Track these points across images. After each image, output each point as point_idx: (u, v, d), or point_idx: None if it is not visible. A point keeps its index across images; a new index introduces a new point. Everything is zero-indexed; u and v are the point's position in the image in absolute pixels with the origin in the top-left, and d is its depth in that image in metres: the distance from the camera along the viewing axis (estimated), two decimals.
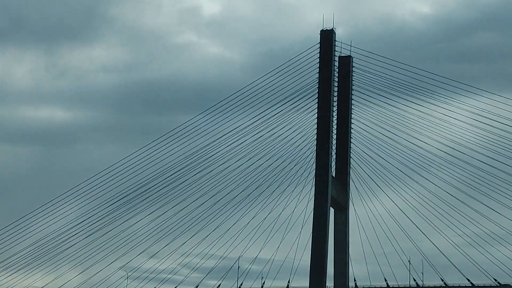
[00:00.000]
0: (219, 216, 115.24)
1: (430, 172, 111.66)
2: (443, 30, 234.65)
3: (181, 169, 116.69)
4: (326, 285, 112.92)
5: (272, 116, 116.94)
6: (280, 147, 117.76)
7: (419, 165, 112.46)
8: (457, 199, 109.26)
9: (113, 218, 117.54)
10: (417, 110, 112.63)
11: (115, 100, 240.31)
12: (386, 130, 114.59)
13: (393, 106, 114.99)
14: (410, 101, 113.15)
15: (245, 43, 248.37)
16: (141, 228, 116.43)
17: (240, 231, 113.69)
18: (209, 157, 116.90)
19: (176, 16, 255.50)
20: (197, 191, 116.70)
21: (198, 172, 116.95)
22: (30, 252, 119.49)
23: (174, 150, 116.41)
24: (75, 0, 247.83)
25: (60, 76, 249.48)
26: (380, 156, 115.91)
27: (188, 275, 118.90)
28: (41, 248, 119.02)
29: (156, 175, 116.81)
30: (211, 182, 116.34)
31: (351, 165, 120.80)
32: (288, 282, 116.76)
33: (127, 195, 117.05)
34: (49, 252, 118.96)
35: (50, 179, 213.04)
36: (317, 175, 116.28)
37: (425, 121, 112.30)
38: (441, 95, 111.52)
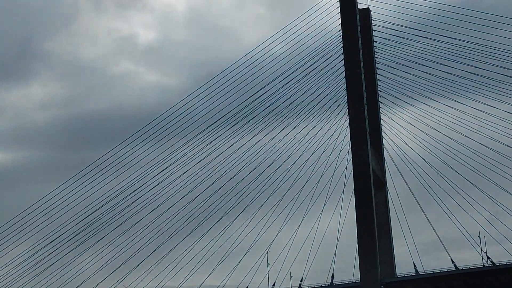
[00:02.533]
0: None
1: None
2: None
3: (123, 200, 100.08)
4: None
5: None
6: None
7: None
8: None
9: (57, 257, 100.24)
10: None
11: (54, 137, 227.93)
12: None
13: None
14: None
15: (183, 68, 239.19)
16: (88, 266, 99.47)
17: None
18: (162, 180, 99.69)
19: (112, 46, 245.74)
20: (150, 220, 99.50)
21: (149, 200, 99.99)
22: None
23: (113, 182, 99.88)
24: (7, 38, 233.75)
25: None
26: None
27: None
28: None
29: (99, 209, 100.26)
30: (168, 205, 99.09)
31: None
32: (332, 276, 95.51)
33: (70, 232, 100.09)
34: None
35: None
36: (353, 143, 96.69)
37: None
38: None
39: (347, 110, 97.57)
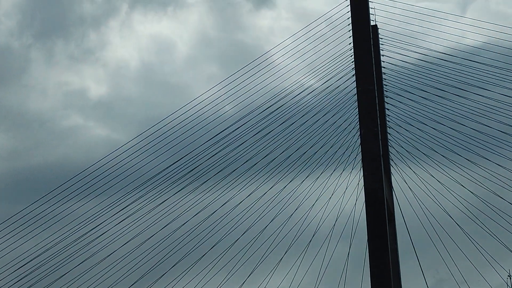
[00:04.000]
0: None
1: None
2: None
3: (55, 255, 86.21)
4: None
5: None
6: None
7: None
8: None
9: None
10: None
11: None
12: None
13: None
14: None
15: (132, 124, 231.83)
16: None
17: None
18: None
19: (62, 99, 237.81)
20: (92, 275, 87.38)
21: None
22: None
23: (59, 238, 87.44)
24: None
25: None
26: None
27: None
28: None
29: (30, 262, 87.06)
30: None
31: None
32: None
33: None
34: None
35: None
36: (365, 168, 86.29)
37: None
38: None
39: (359, 131, 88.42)
